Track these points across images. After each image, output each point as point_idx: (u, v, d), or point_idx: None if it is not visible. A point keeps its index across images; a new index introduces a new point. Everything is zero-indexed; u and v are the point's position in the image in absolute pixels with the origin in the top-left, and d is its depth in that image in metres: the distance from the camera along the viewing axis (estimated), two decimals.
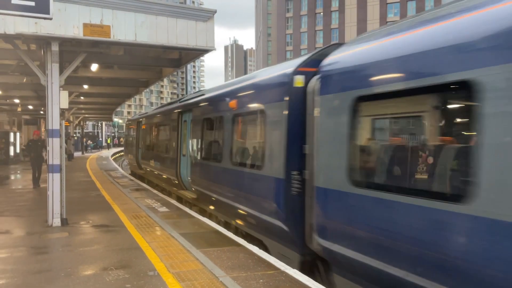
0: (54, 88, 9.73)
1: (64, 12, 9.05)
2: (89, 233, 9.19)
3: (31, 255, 7.50)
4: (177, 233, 8.87)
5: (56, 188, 9.84)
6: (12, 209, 12.15)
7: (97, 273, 6.43)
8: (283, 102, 7.20)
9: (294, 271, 6.43)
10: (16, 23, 8.74)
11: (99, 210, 11.84)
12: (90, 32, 9.30)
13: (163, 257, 7.15)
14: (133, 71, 17.80)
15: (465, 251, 3.91)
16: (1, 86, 19.22)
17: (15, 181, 20.55)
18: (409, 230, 4.56)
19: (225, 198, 9.93)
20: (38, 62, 11.13)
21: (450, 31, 4.31)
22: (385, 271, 4.87)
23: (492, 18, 3.88)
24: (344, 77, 5.97)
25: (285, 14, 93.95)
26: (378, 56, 5.32)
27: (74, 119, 41.46)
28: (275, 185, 7.39)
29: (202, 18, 10.40)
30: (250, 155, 8.94)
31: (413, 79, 4.64)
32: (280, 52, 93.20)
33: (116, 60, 14.23)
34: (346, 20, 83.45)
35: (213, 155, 11.10)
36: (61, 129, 9.94)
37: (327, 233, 6.15)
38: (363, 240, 5.37)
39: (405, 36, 5.03)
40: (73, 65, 10.39)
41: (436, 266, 4.18)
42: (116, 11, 9.57)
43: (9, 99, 25.37)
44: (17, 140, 33.40)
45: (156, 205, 12.63)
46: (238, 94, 9.69)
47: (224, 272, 6.34)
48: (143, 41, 9.93)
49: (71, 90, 17.59)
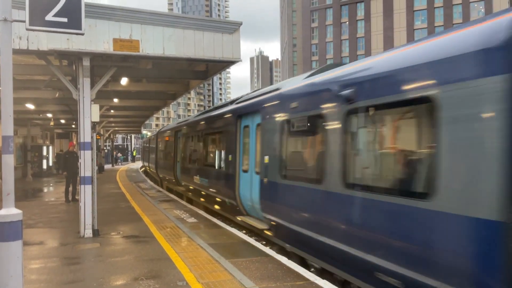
0: (86, 102, 9.98)
1: (94, 28, 9.31)
2: (119, 244, 9.32)
3: (64, 266, 7.64)
4: (206, 244, 8.91)
5: (88, 199, 10.04)
6: (45, 221, 12.44)
7: (128, 283, 6.51)
8: (493, 80, 4.07)
9: (324, 281, 6.36)
10: (49, 40, 9.05)
11: (129, 221, 12.01)
12: (119, 47, 9.53)
13: (192, 268, 7.19)
14: (161, 84, 18.09)
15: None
16: (35, 101, 19.81)
17: (48, 194, 21.05)
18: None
19: (336, 242, 6.47)
20: (70, 77, 11.44)
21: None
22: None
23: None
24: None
25: (310, 24, 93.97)
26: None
27: (104, 132, 42.27)
28: (483, 233, 4.09)
29: (228, 31, 10.52)
30: (396, 172, 5.57)
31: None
32: (306, 62, 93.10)
33: (144, 73, 14.50)
34: (372, 28, 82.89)
35: (299, 174, 7.96)
36: (93, 142, 10.16)
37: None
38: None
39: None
40: (104, 79, 10.65)
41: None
42: (144, 26, 9.79)
43: (42, 113, 26.09)
44: (49, 154, 34.26)
45: (184, 215, 12.72)
46: (363, 76, 6.27)
47: (253, 283, 6.33)
48: (171, 54, 10.11)
49: (101, 103, 17.96)
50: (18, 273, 4.62)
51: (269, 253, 8.11)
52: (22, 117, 26.75)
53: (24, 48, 8.96)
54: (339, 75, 6.90)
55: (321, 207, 7.00)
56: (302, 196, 7.68)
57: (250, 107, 10.79)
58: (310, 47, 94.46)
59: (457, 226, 4.30)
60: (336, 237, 6.44)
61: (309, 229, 7.28)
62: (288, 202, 8.33)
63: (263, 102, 9.88)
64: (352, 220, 6.09)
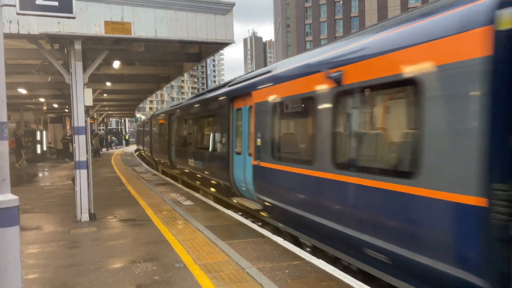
0: (78, 86, 9.91)
1: (85, 10, 9.20)
2: (116, 227, 9.37)
3: (62, 250, 7.69)
4: (203, 226, 8.98)
5: (83, 184, 10.05)
6: (41, 206, 12.46)
7: (126, 266, 6.57)
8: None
9: (319, 261, 6.45)
10: (40, 23, 8.94)
11: (125, 204, 12.05)
12: (111, 29, 9.43)
13: (189, 250, 7.25)
14: (154, 67, 17.98)
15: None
16: (27, 86, 19.66)
17: (43, 179, 21.03)
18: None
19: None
20: (61, 61, 11.34)
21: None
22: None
23: None
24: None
25: (303, 4, 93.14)
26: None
27: (98, 116, 42.10)
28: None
29: (221, 12, 10.42)
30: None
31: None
32: (300, 43, 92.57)
33: (137, 56, 14.38)
34: (366, 8, 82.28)
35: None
36: (86, 126, 10.12)
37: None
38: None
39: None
40: (96, 63, 10.56)
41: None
42: (136, 8, 9.68)
43: (35, 98, 25.92)
44: (43, 138, 34.10)
45: (180, 198, 12.77)
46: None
47: (250, 263, 6.40)
48: (164, 36, 10.02)
49: (94, 87, 17.83)
50: (16, 258, 4.64)
51: (265, 234, 8.19)
52: (15, 102, 26.56)
53: (14, 32, 8.86)
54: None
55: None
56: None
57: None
58: (304, 27, 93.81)
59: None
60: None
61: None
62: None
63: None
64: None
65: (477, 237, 4.09)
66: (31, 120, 35.06)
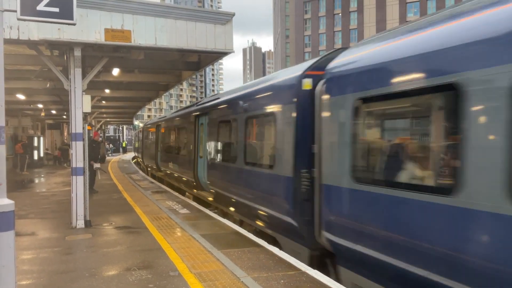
0: (77, 92, 9.93)
1: (86, 18, 9.25)
2: (112, 235, 9.34)
3: (56, 256, 7.66)
4: (198, 234, 8.96)
5: (79, 190, 10.03)
6: (37, 212, 12.41)
7: (120, 273, 6.54)
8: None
9: (315, 271, 6.44)
10: (40, 29, 8.98)
11: (121, 212, 12.02)
12: (111, 37, 9.48)
13: (184, 258, 7.23)
14: (153, 75, 18.00)
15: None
16: (25, 92, 19.66)
17: (39, 185, 20.96)
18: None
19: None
20: (61, 68, 11.37)
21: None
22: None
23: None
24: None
25: (303, 15, 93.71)
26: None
27: (96, 123, 42.07)
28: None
29: (220, 21, 10.49)
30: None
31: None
32: (298, 54, 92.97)
33: (136, 64, 14.43)
34: (365, 20, 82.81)
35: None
36: (84, 133, 10.13)
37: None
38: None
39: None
40: (95, 70, 10.60)
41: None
42: (136, 16, 9.74)
43: (33, 104, 25.90)
44: (40, 144, 34.04)
45: (176, 207, 12.75)
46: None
47: (245, 273, 6.39)
48: (163, 45, 10.07)
49: (93, 94, 17.84)
50: (10, 263, 4.63)
51: (261, 243, 8.17)
52: (13, 107, 26.53)
53: (14, 38, 8.88)
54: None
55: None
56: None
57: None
58: (303, 38, 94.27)
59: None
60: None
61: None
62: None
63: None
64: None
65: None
66: (28, 126, 34.99)
